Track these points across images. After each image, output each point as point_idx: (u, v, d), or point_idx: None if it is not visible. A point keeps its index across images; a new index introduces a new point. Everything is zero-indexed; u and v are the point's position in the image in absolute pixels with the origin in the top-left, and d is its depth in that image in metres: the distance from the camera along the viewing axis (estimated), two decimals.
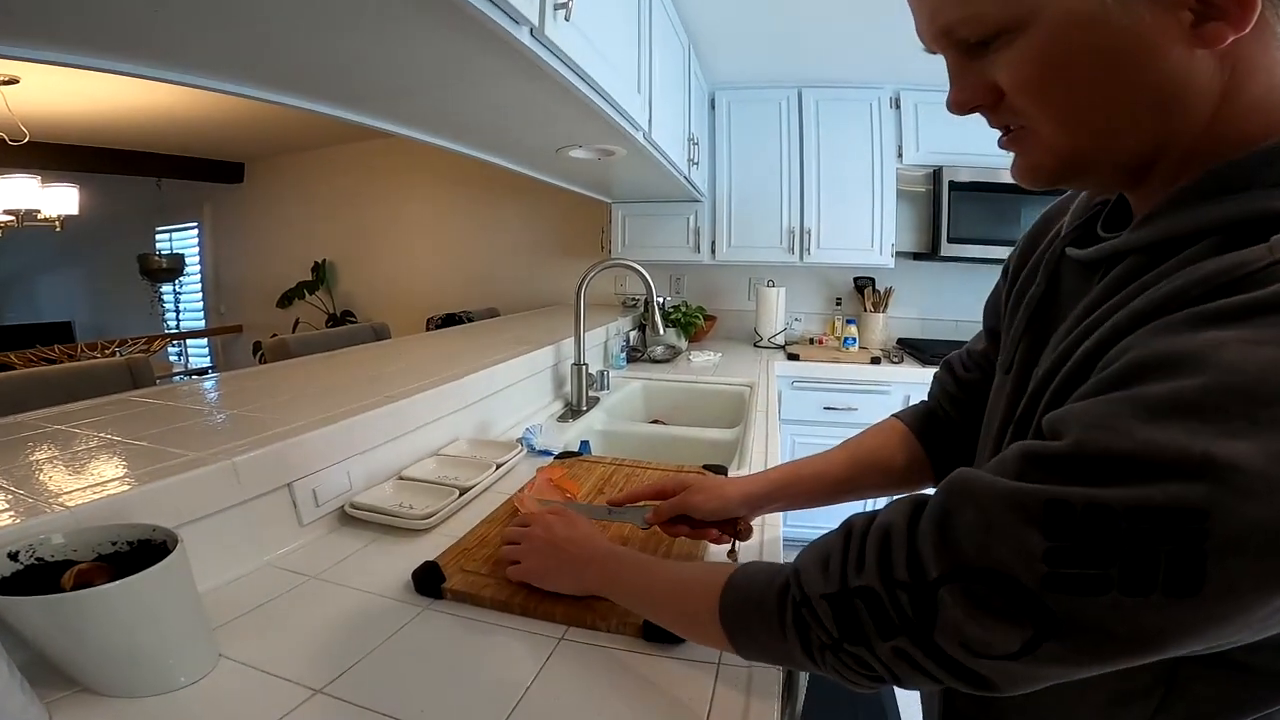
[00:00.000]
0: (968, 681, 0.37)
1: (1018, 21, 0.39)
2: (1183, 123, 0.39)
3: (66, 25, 0.84)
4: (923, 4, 0.44)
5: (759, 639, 0.48)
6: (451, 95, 1.22)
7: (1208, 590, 0.28)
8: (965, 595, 0.34)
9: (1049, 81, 0.40)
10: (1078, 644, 0.32)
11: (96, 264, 5.37)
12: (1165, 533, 0.28)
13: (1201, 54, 0.36)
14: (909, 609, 0.37)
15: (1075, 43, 0.38)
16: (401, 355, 1.57)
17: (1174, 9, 0.35)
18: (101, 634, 0.53)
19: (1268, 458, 0.27)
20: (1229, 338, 0.30)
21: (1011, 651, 0.33)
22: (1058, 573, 0.31)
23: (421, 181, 3.97)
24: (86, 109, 3.20)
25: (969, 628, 0.34)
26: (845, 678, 0.43)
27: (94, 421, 0.93)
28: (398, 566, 0.79)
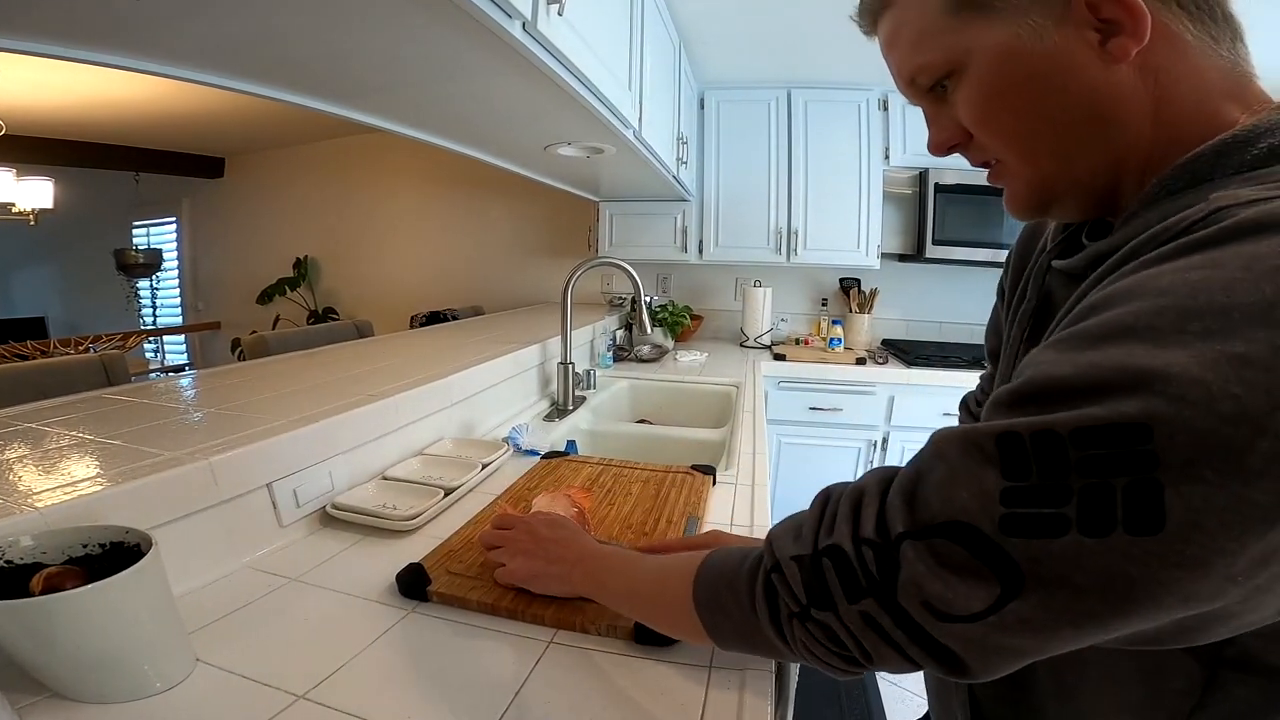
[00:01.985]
0: (937, 657, 0.34)
1: (957, 63, 0.45)
2: (1125, 136, 0.42)
3: (41, 14, 0.81)
4: (891, 63, 0.50)
5: (731, 616, 0.46)
6: (440, 90, 1.21)
7: (1170, 526, 0.27)
8: (928, 550, 0.33)
9: (994, 111, 0.45)
10: (1044, 600, 0.30)
11: (71, 259, 5.25)
12: (1113, 459, 0.28)
13: (1120, 69, 0.40)
14: (874, 568, 0.35)
15: (1006, 74, 0.43)
16: (385, 353, 1.54)
17: (1080, 30, 0.40)
18: (72, 640, 0.50)
19: (1201, 365, 0.27)
20: (1164, 270, 0.31)
21: (975, 611, 0.32)
22: (1015, 513, 0.30)
23: (407, 177, 3.93)
24: (63, 101, 3.13)
25: (930, 584, 0.33)
26: (816, 655, 0.41)
27: (66, 419, 0.90)
28: (382, 569, 0.77)
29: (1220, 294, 0.28)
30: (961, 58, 0.45)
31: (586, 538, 0.71)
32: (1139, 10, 0.39)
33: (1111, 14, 0.39)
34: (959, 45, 0.44)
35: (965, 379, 2.47)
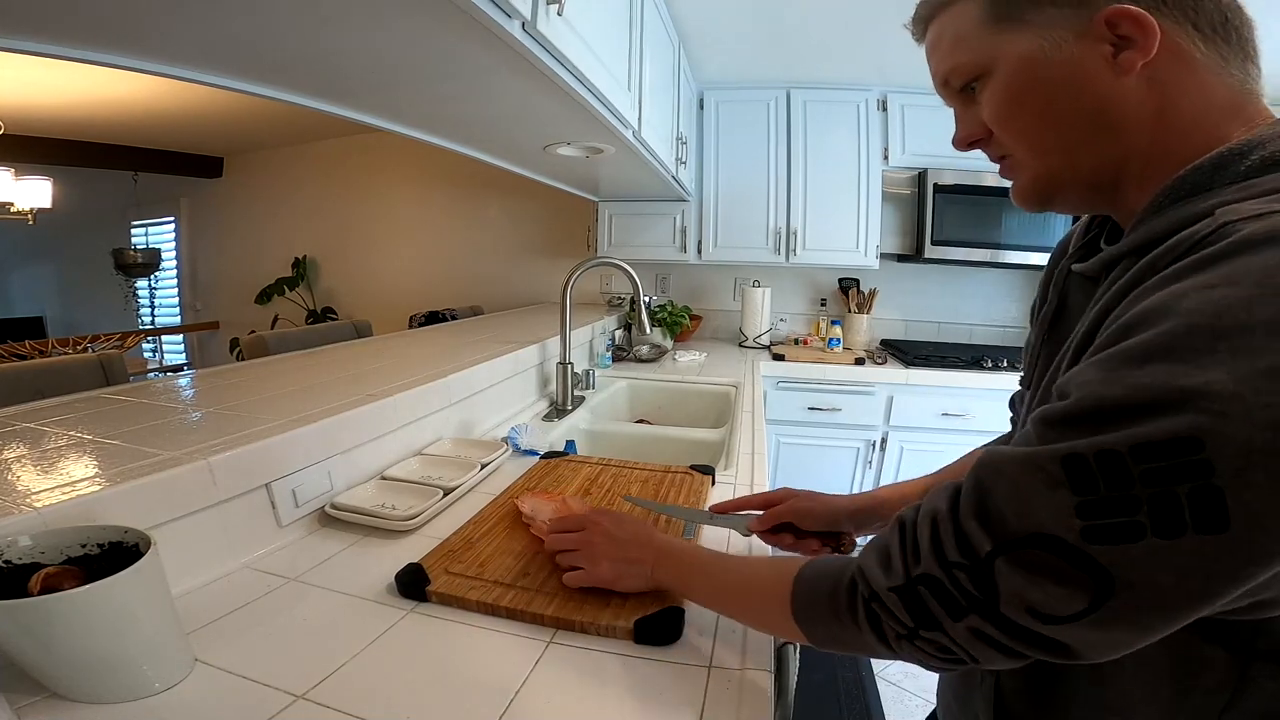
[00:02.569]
0: (1049, 650, 0.37)
1: (986, 67, 0.50)
2: (1127, 140, 0.46)
3: (40, 13, 0.81)
4: (931, 64, 0.56)
5: (832, 631, 0.49)
6: (439, 89, 1.21)
7: (1235, 524, 0.30)
8: (1019, 564, 0.36)
9: (1014, 111, 0.50)
10: (1134, 598, 0.33)
11: (69, 258, 5.24)
12: (1173, 470, 0.31)
13: (1128, 80, 0.45)
14: (971, 587, 0.38)
15: (1027, 79, 0.48)
16: (383, 353, 1.54)
17: (1096, 44, 0.45)
18: (70, 640, 0.50)
19: (1236, 381, 0.30)
20: (1187, 288, 0.34)
21: (1077, 611, 0.34)
22: (1093, 525, 0.33)
23: (406, 177, 3.93)
24: (61, 100, 3.12)
25: (1031, 594, 0.36)
26: (928, 663, 0.44)
27: (64, 419, 0.90)
28: (381, 568, 0.77)
29: (1243, 313, 0.31)
30: (990, 63, 0.50)
31: (656, 532, 0.73)
32: (1150, 28, 0.43)
33: (1127, 30, 0.44)
34: (990, 51, 0.50)
35: (964, 379, 2.48)
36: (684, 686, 0.58)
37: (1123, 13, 0.44)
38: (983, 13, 0.50)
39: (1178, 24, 0.44)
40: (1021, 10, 0.48)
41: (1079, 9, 0.46)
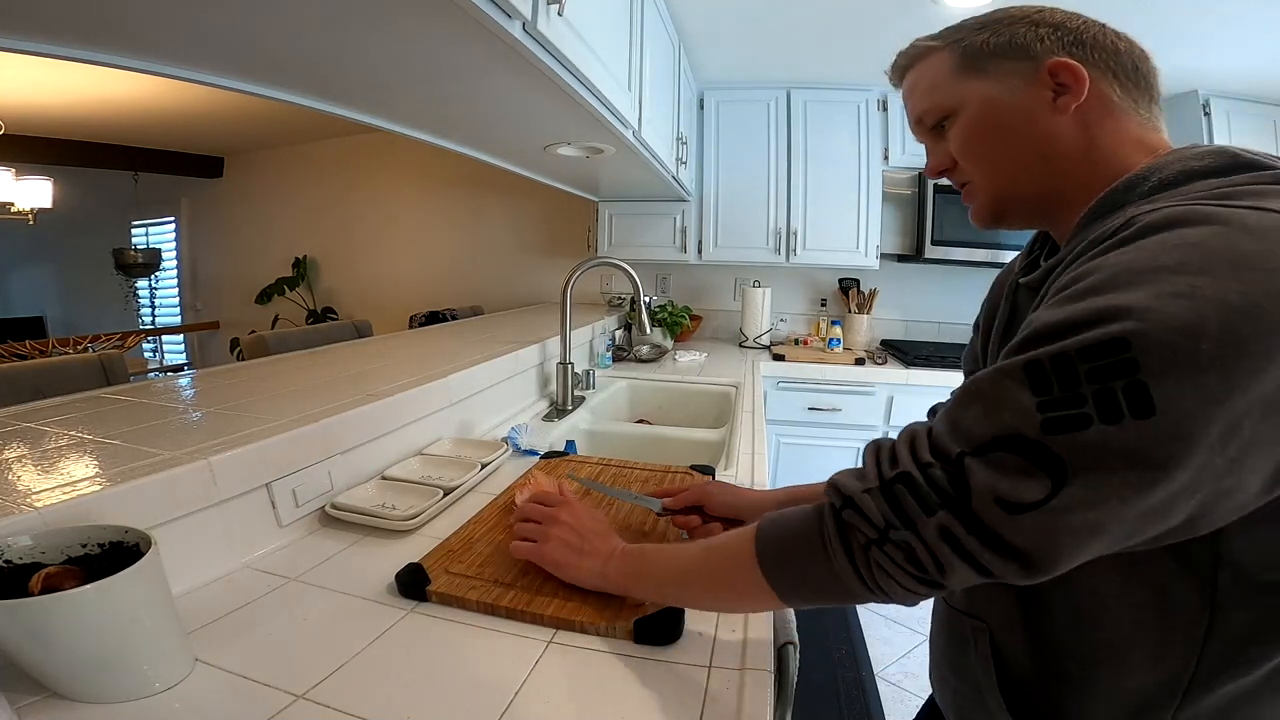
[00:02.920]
0: (1008, 555, 0.40)
1: (954, 108, 0.62)
2: (1061, 168, 0.58)
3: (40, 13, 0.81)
4: (908, 106, 0.68)
5: (799, 565, 0.51)
6: (440, 89, 1.21)
7: (1161, 410, 0.37)
8: (988, 463, 0.41)
9: (975, 144, 0.62)
10: (1087, 481, 0.38)
11: (70, 258, 5.24)
12: (1109, 367, 0.38)
13: (1064, 119, 0.57)
14: (945, 483, 0.42)
15: (987, 118, 0.60)
16: (384, 353, 1.54)
17: (1041, 89, 0.57)
18: (71, 640, 0.50)
19: (1150, 299, 0.38)
20: (1108, 257, 0.44)
21: (1039, 499, 0.39)
22: (1049, 418, 0.39)
23: (406, 177, 3.93)
24: (61, 100, 3.12)
25: (999, 485, 0.40)
26: (892, 578, 0.45)
27: (65, 419, 0.90)
28: (381, 568, 0.77)
29: (1152, 261, 0.40)
30: (959, 105, 0.62)
31: (617, 537, 0.73)
32: (1082, 76, 0.55)
33: (1065, 79, 0.56)
34: (959, 95, 0.61)
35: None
36: (684, 687, 0.58)
37: (1062, 64, 0.56)
38: (954, 64, 0.62)
39: (1101, 73, 0.56)
40: (985, 62, 0.60)
41: (1028, 61, 0.58)
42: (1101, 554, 0.41)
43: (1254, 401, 0.36)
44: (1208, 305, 0.37)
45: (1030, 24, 0.59)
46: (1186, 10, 1.84)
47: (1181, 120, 2.52)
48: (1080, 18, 0.60)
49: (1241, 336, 0.36)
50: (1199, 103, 2.42)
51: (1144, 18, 1.90)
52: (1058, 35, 0.58)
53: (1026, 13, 0.61)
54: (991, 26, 0.61)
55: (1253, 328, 0.36)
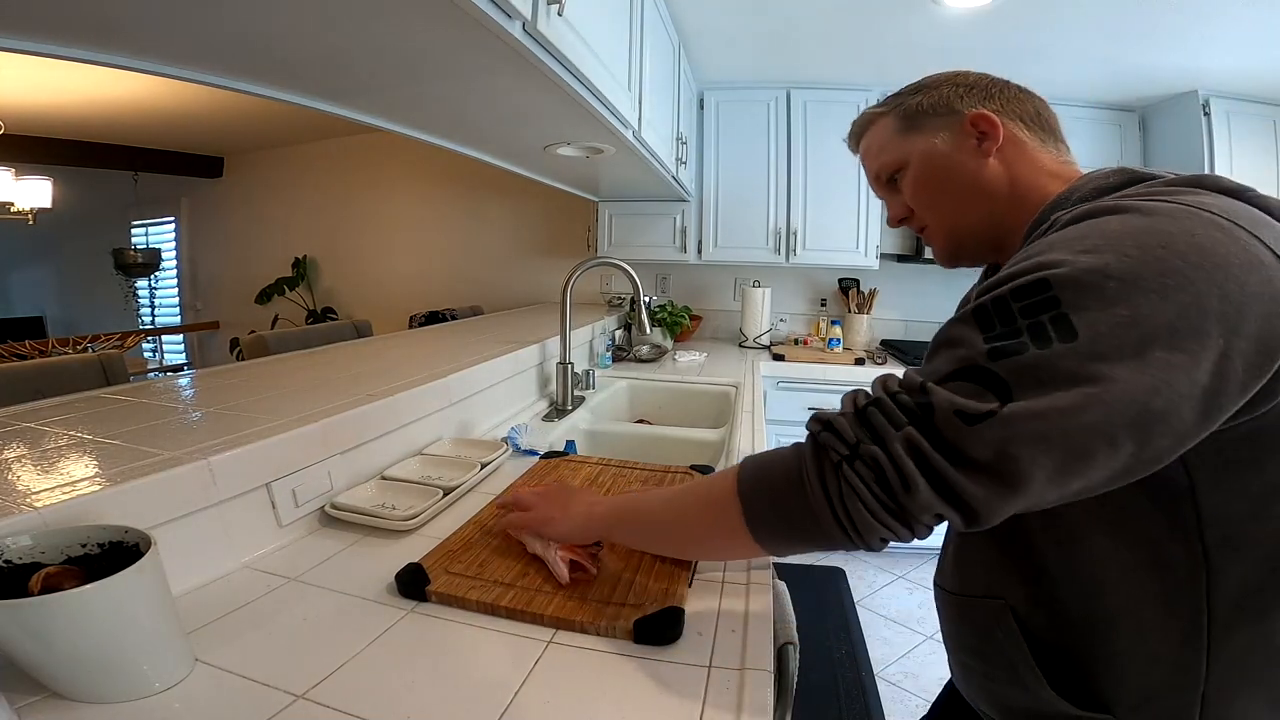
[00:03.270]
0: (968, 465, 0.44)
1: (902, 163, 0.74)
2: (995, 203, 0.69)
3: (40, 13, 0.81)
4: (865, 166, 0.83)
5: (777, 498, 0.55)
6: (440, 89, 1.21)
7: (1081, 334, 0.43)
8: (948, 390, 0.47)
9: (922, 191, 0.74)
10: (1028, 396, 0.43)
11: (70, 258, 5.24)
12: (1037, 304, 0.45)
13: (989, 162, 0.68)
14: (911, 404, 0.48)
15: (929, 168, 0.72)
16: (383, 353, 1.54)
17: (966, 138, 0.69)
18: (70, 640, 0.50)
19: (1066, 254, 0.47)
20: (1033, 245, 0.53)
21: (990, 409, 0.44)
22: (994, 347, 0.46)
23: (406, 177, 3.93)
24: (61, 100, 3.12)
25: (957, 400, 0.45)
26: (860, 500, 0.48)
27: (64, 419, 0.90)
28: (381, 568, 0.77)
29: (1061, 238, 0.50)
30: (905, 160, 0.74)
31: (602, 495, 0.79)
32: (996, 124, 0.68)
33: (984, 126, 0.68)
34: (903, 151, 0.74)
35: None
36: (684, 686, 0.57)
37: (981, 115, 0.68)
38: (896, 126, 0.75)
39: (1011, 119, 0.69)
40: (920, 121, 0.73)
41: (955, 115, 0.70)
42: (1066, 481, 0.44)
43: (1159, 327, 0.42)
44: (1108, 255, 0.45)
45: (952, 85, 0.72)
46: (1187, 10, 1.85)
47: (1181, 120, 2.52)
48: (989, 77, 0.73)
49: (1138, 275, 0.44)
50: (1199, 103, 2.42)
51: (1145, 17, 1.90)
52: (974, 92, 0.71)
53: (948, 76, 0.74)
54: (924, 90, 0.74)
55: (1148, 269, 0.44)
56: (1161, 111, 2.64)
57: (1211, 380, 0.43)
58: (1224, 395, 0.44)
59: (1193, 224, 0.46)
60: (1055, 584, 0.60)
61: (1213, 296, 0.43)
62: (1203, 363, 0.42)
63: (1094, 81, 2.50)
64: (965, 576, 0.70)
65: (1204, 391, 0.43)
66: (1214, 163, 2.38)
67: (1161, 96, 2.58)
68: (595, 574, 0.73)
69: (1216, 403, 0.44)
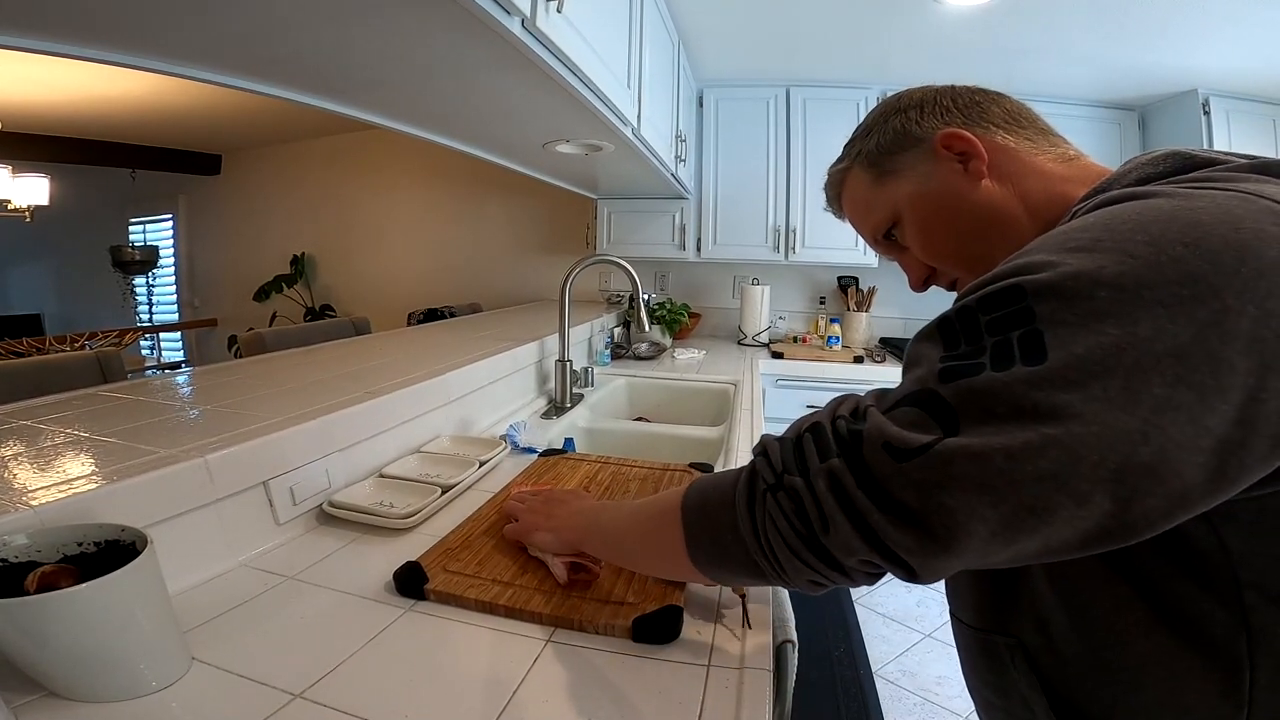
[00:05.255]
0: (892, 510, 0.37)
1: (893, 215, 0.64)
2: (1015, 228, 0.57)
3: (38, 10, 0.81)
4: (858, 227, 0.71)
5: (712, 522, 0.50)
6: (438, 86, 1.20)
7: (1051, 357, 0.35)
8: (891, 416, 0.40)
9: (930, 241, 0.63)
10: (974, 430, 0.35)
11: (67, 255, 5.23)
12: (1007, 317, 0.37)
13: (985, 184, 0.57)
14: (845, 432, 0.41)
15: (923, 211, 0.62)
16: (382, 350, 1.54)
17: (949, 164, 0.59)
18: (67, 639, 0.50)
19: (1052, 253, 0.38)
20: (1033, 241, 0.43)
21: (924, 443, 0.36)
22: (946, 367, 0.39)
23: (404, 174, 3.92)
24: (59, 98, 3.11)
25: (890, 431, 0.38)
26: (779, 532, 0.43)
27: (61, 417, 0.90)
28: (379, 567, 0.77)
29: (1061, 231, 0.41)
30: (894, 211, 0.64)
31: (591, 501, 0.76)
32: (970, 138, 0.57)
33: (959, 146, 0.58)
34: (889, 201, 0.64)
35: None
36: (683, 685, 0.57)
37: (948, 134, 0.58)
38: (868, 176, 0.65)
39: (985, 129, 0.59)
40: (890, 163, 0.63)
41: (920, 144, 0.60)
42: (1011, 540, 0.35)
43: (1160, 353, 0.32)
44: (1107, 255, 0.35)
45: (897, 111, 0.63)
46: (1187, 8, 1.84)
47: (1181, 119, 2.52)
48: (932, 89, 0.64)
49: (1143, 282, 0.33)
50: (1198, 102, 2.42)
51: (1145, 16, 1.90)
52: (925, 111, 0.61)
53: (889, 104, 0.65)
54: (874, 128, 0.65)
55: (1158, 274, 0.33)
56: (1161, 110, 2.64)
57: (1231, 430, 0.32)
58: (1248, 451, 0.33)
59: (1240, 214, 0.35)
60: (1068, 629, 0.50)
61: (1246, 315, 0.32)
62: (1218, 405, 0.32)
63: (1093, 80, 2.50)
64: (979, 608, 0.58)
65: (1219, 444, 0.32)
66: None
67: (1161, 95, 2.58)
68: (599, 573, 0.72)
69: (1238, 460, 0.33)
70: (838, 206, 0.74)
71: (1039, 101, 2.71)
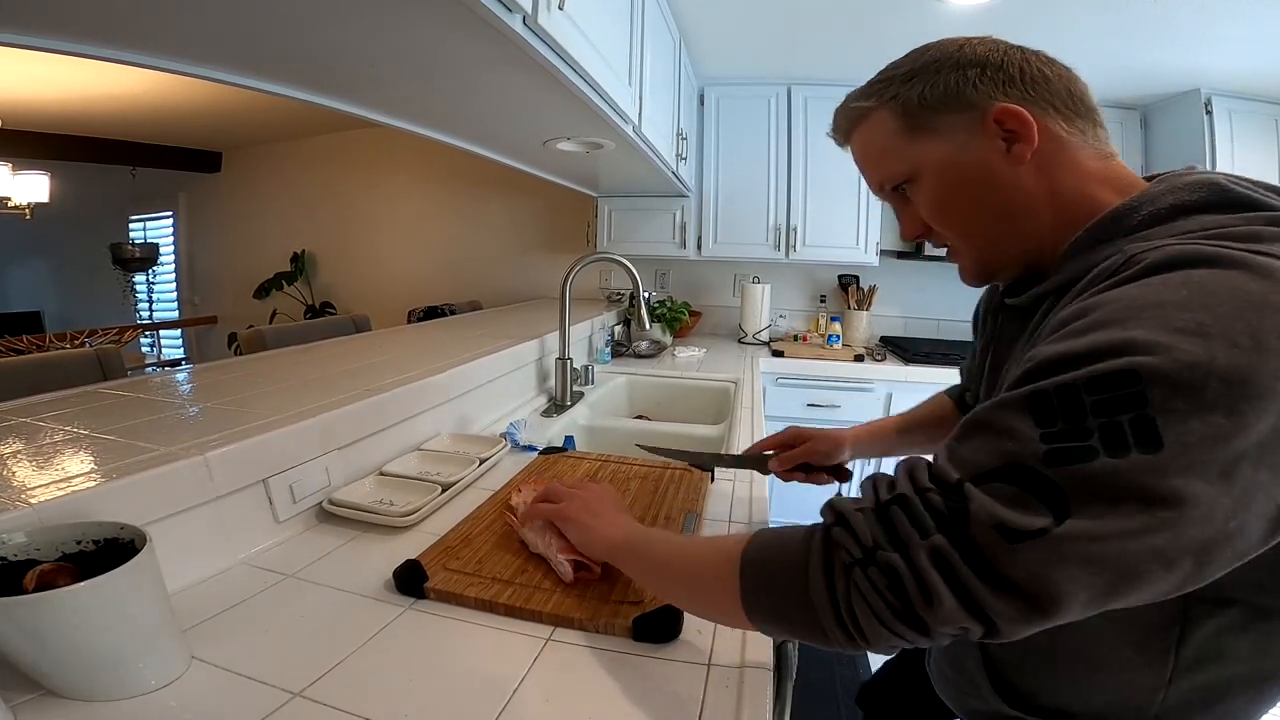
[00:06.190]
0: (1002, 586, 0.38)
1: (913, 173, 0.61)
2: (1035, 222, 0.57)
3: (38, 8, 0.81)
4: (864, 171, 0.68)
5: (776, 585, 0.48)
6: (439, 84, 1.20)
7: (1167, 445, 0.36)
8: (988, 491, 0.40)
9: (944, 212, 0.62)
10: (1090, 514, 0.37)
11: (67, 253, 5.23)
12: (1116, 400, 0.37)
13: (1023, 170, 0.56)
14: (943, 507, 0.41)
15: (949, 183, 0.59)
16: (382, 348, 1.54)
17: (993, 140, 0.56)
18: (65, 637, 0.50)
19: (1161, 333, 0.38)
20: (1111, 294, 0.44)
21: (1040, 527, 0.37)
22: (1053, 449, 0.38)
23: (405, 172, 3.91)
24: (59, 95, 3.10)
25: (1000, 512, 0.38)
26: (869, 606, 0.42)
27: (60, 414, 0.90)
28: (378, 565, 0.77)
29: (1156, 296, 0.41)
30: (916, 170, 0.61)
31: (632, 520, 0.73)
32: (1028, 120, 0.54)
33: (1012, 125, 0.55)
34: (913, 160, 0.61)
35: None
36: (683, 685, 0.57)
37: (1006, 110, 0.55)
38: (898, 124, 0.61)
39: (1044, 111, 0.55)
40: (929, 120, 0.59)
41: (971, 110, 0.57)
42: (1104, 604, 0.38)
43: (1253, 443, 0.36)
44: (1216, 343, 0.37)
45: (956, 67, 0.58)
46: (1190, 6, 1.84)
47: (1183, 118, 2.52)
48: (1001, 47, 0.58)
49: (1247, 376, 0.36)
50: (1200, 101, 2.41)
51: (1147, 14, 1.89)
52: (988, 76, 0.56)
53: (948, 54, 0.59)
54: (921, 75, 0.59)
55: (1259, 368, 0.36)
56: (1163, 110, 2.63)
57: None
58: None
59: None
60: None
61: None
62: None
63: (1095, 78, 2.43)
64: None
65: (1278, 509, 0.38)
66: (1215, 162, 2.38)
67: (1163, 94, 2.57)
68: (599, 572, 0.72)
69: None
70: (843, 138, 0.69)
71: None
